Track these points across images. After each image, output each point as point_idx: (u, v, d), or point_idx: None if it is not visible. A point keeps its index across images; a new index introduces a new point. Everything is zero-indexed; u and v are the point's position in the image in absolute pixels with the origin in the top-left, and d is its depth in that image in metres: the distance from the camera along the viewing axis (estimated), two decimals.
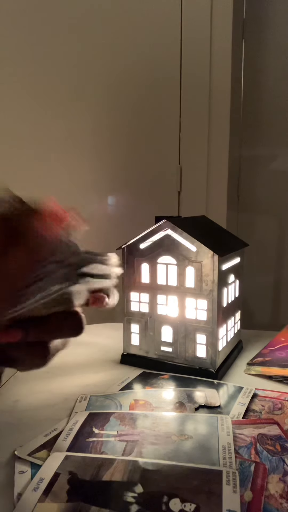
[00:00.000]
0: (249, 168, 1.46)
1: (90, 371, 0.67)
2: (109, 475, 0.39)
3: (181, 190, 1.33)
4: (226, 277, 0.65)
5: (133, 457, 0.43)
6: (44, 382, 0.62)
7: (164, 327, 0.65)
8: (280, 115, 1.41)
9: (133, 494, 0.37)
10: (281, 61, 1.38)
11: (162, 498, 0.37)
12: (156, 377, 0.63)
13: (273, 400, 0.55)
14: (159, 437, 0.46)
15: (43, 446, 0.45)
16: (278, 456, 0.43)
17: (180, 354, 0.64)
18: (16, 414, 0.54)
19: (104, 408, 0.53)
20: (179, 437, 0.46)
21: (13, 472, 0.41)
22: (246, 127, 1.43)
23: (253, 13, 1.36)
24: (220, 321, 0.63)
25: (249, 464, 0.41)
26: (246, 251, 0.74)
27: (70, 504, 0.36)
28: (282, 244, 1.47)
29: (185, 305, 0.63)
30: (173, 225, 0.62)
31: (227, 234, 0.74)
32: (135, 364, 0.67)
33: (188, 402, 0.55)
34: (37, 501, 0.36)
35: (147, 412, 0.52)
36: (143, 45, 1.29)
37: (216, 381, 0.61)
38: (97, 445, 0.45)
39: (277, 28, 1.38)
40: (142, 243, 0.65)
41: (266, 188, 1.46)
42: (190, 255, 0.61)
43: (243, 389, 0.58)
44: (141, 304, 0.67)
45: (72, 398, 0.57)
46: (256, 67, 1.40)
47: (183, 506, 0.36)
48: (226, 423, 0.49)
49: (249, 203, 1.48)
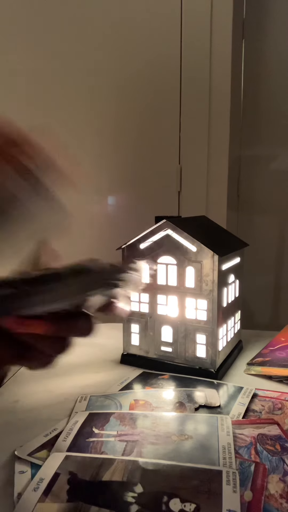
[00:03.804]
0: (249, 168, 1.46)
1: (90, 371, 0.67)
2: (109, 475, 0.39)
3: (181, 190, 1.33)
4: (226, 277, 0.65)
5: (133, 457, 0.43)
6: (44, 382, 0.62)
7: (164, 327, 0.65)
8: (280, 115, 1.41)
9: (133, 494, 0.37)
10: (281, 61, 1.38)
11: (162, 498, 0.37)
12: (156, 377, 0.63)
13: (273, 400, 0.55)
14: (159, 437, 0.46)
15: (43, 446, 0.45)
16: (278, 456, 0.43)
17: (180, 354, 0.64)
18: (16, 414, 0.54)
19: (104, 408, 0.53)
20: (179, 437, 0.46)
21: (13, 472, 0.41)
22: (246, 127, 1.43)
23: (253, 13, 1.36)
24: (220, 321, 0.63)
25: (249, 464, 0.41)
26: (246, 251, 0.74)
27: (70, 504, 0.36)
28: (282, 244, 1.47)
29: (185, 305, 0.63)
30: (173, 225, 0.62)
31: (227, 234, 0.74)
32: (135, 364, 0.67)
33: (188, 402, 0.55)
34: (37, 501, 0.36)
35: (147, 412, 0.52)
36: (143, 45, 1.29)
37: (216, 381, 0.61)
38: (97, 445, 0.45)
39: (277, 28, 1.38)
40: (142, 243, 0.65)
41: (266, 188, 1.46)
42: (190, 255, 0.61)
43: (243, 389, 0.58)
44: (141, 304, 0.67)
45: (72, 398, 0.57)
46: (256, 67, 1.40)
47: (183, 506, 0.36)
48: (226, 423, 0.49)
49: (249, 203, 1.48)
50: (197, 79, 1.26)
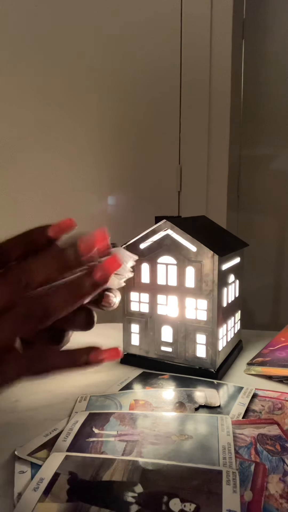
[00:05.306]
0: (249, 168, 1.46)
1: (90, 371, 0.66)
2: (109, 475, 0.39)
3: (181, 190, 1.33)
4: (226, 277, 0.65)
5: (133, 457, 0.43)
6: (44, 382, 0.62)
7: (164, 327, 0.65)
8: (280, 115, 1.41)
9: (133, 494, 0.37)
10: (281, 61, 1.39)
11: (162, 498, 0.37)
12: (156, 377, 0.63)
13: (273, 400, 0.55)
14: (159, 437, 0.46)
15: (43, 446, 0.45)
16: (278, 456, 0.43)
17: (180, 354, 0.64)
18: (16, 414, 0.54)
19: (104, 408, 0.53)
20: (179, 437, 0.46)
21: (13, 472, 0.41)
22: (246, 127, 1.43)
23: (253, 13, 1.36)
24: (220, 321, 0.63)
25: (249, 464, 0.41)
26: (246, 251, 0.74)
27: (70, 504, 0.36)
28: (282, 244, 1.48)
29: (185, 305, 0.63)
30: (173, 225, 0.62)
31: (227, 234, 0.74)
32: (135, 364, 0.67)
33: (188, 402, 0.55)
34: (37, 501, 0.36)
35: (147, 412, 0.52)
36: (143, 45, 1.29)
37: (216, 381, 0.61)
38: (97, 445, 0.45)
39: (277, 28, 1.38)
40: (142, 243, 0.65)
41: (266, 188, 1.46)
42: (190, 255, 0.61)
43: (243, 389, 0.58)
44: (141, 304, 0.67)
45: (72, 398, 0.57)
46: (256, 67, 1.40)
47: (183, 506, 0.36)
48: (226, 423, 0.49)
49: (249, 203, 1.48)
50: (197, 79, 1.26)
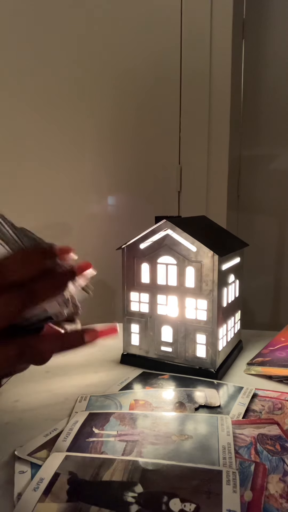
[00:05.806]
0: (249, 168, 1.46)
1: (90, 371, 0.67)
2: (109, 475, 0.39)
3: (181, 190, 1.33)
4: (226, 277, 0.65)
5: (133, 457, 0.43)
6: (44, 382, 0.62)
7: (164, 327, 0.65)
8: (280, 115, 1.41)
9: (133, 494, 0.37)
10: (281, 61, 1.39)
11: (162, 498, 0.37)
12: (156, 377, 0.63)
13: (273, 400, 0.55)
14: (159, 437, 0.46)
15: (43, 446, 0.45)
16: (278, 456, 0.43)
17: (180, 354, 0.64)
18: (16, 414, 0.54)
19: (104, 408, 0.53)
20: (179, 437, 0.46)
21: (13, 472, 0.41)
22: (246, 127, 1.43)
23: (253, 13, 1.36)
24: (220, 321, 0.63)
25: (249, 464, 0.41)
26: (246, 251, 0.74)
27: (70, 504, 0.36)
28: (282, 244, 1.48)
29: (185, 305, 0.63)
30: (173, 225, 0.62)
31: (227, 234, 0.74)
32: (135, 364, 0.67)
33: (188, 402, 0.55)
34: (37, 501, 0.36)
35: (147, 412, 0.52)
36: (143, 45, 1.29)
37: (216, 381, 0.61)
38: (97, 445, 0.45)
39: (277, 28, 1.38)
40: (142, 243, 0.65)
41: (266, 188, 1.46)
42: (190, 255, 0.61)
43: (243, 389, 0.58)
44: (141, 304, 0.67)
45: (72, 398, 0.57)
46: (256, 67, 1.40)
47: (183, 506, 0.36)
48: (226, 423, 0.49)
49: (249, 203, 1.48)
50: (197, 79, 1.26)
